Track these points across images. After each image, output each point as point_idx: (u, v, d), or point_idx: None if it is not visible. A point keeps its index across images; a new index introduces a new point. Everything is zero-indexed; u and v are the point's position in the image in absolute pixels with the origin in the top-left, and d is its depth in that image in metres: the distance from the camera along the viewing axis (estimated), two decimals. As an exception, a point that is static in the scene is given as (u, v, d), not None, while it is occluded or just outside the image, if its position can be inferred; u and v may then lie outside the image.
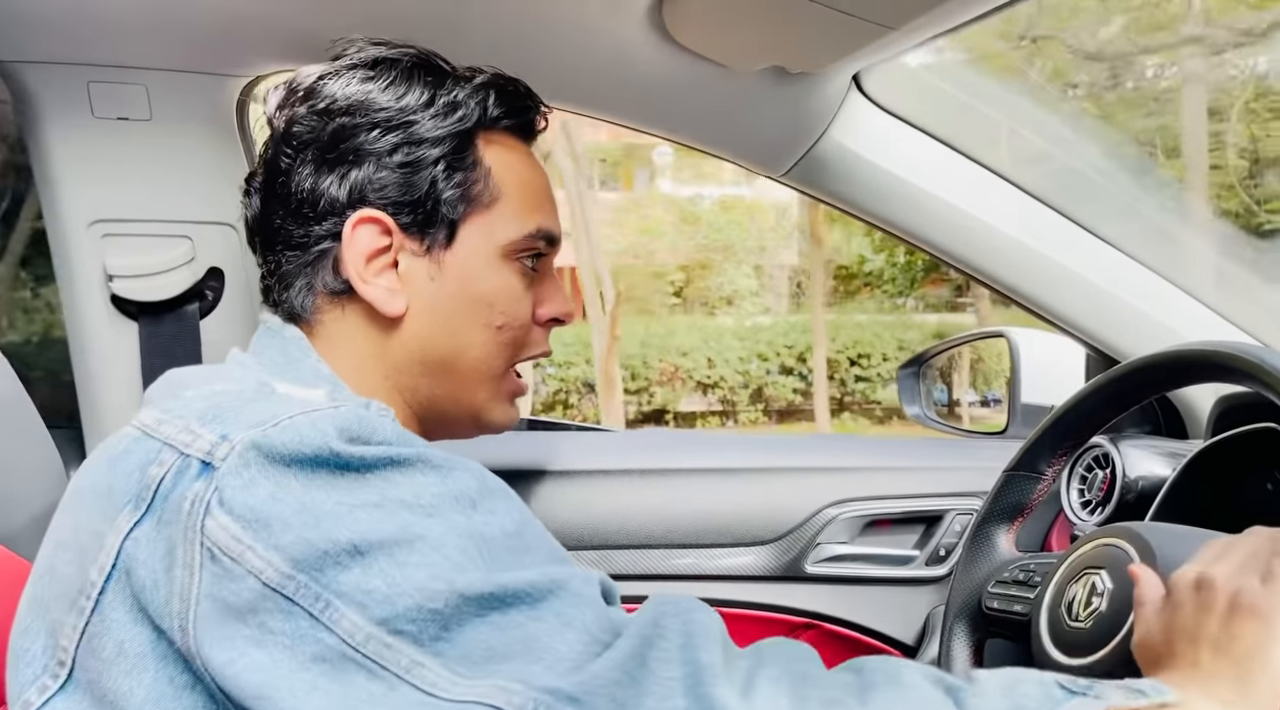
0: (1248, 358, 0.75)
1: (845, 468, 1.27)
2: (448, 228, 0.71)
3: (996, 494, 0.94)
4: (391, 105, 0.70)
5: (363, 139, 0.70)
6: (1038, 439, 0.91)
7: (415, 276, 0.71)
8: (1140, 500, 1.06)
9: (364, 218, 0.69)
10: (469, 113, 0.72)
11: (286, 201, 0.71)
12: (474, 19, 0.95)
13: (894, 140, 1.13)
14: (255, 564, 0.52)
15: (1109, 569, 0.76)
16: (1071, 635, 0.77)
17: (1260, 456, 0.94)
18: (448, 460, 0.58)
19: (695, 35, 0.95)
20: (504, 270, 0.73)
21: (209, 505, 0.54)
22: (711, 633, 0.56)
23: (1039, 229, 1.18)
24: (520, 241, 0.73)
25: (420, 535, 0.54)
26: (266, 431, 0.55)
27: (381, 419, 0.59)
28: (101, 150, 0.98)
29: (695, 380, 9.02)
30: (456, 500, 0.56)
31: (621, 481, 1.23)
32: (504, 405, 0.77)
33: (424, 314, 0.71)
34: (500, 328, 0.73)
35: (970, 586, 0.93)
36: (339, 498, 0.54)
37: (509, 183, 0.74)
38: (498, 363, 0.74)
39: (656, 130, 1.13)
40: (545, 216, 0.75)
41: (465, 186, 0.71)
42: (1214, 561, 0.62)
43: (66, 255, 1.02)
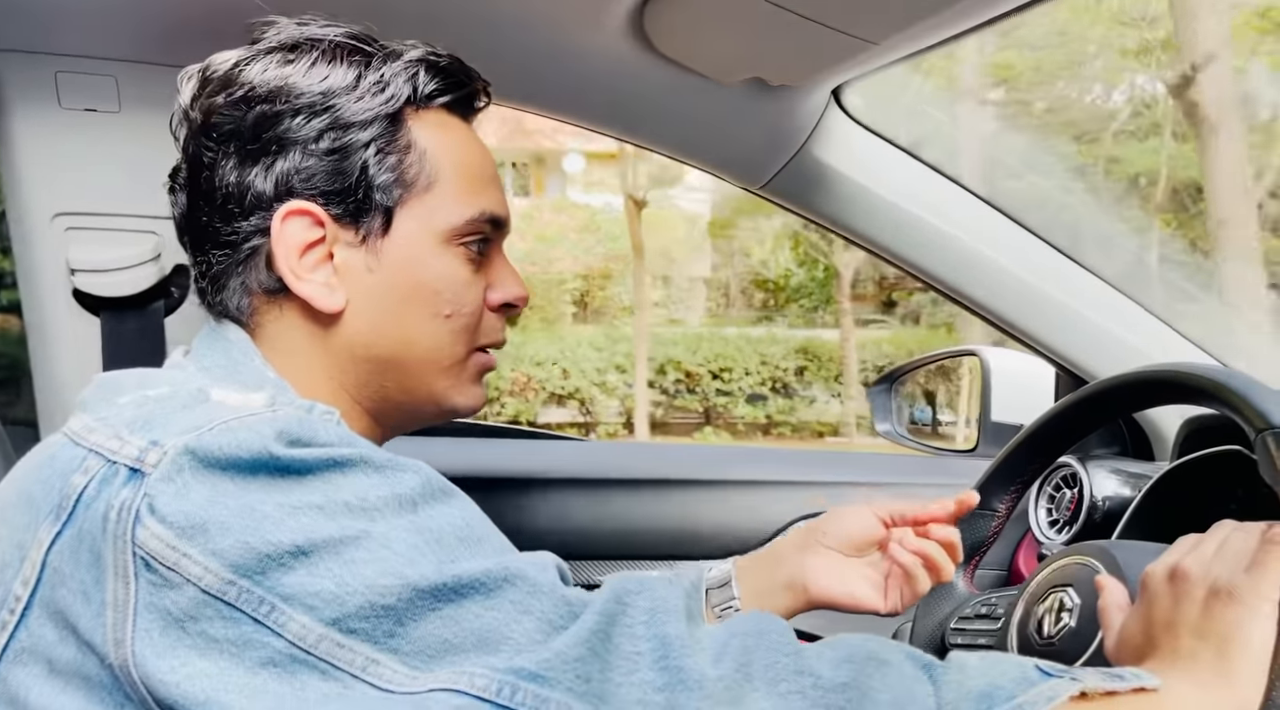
0: (1213, 380, 0.75)
1: (815, 483, 1.27)
2: (383, 215, 0.67)
3: None
4: (314, 88, 0.66)
5: (286, 126, 0.65)
6: (991, 475, 0.92)
7: (353, 269, 0.67)
8: (1107, 520, 1.07)
9: (292, 210, 0.65)
10: (398, 91, 0.67)
11: (211, 197, 0.67)
12: (452, 24, 0.94)
13: (871, 156, 1.13)
14: (192, 571, 0.51)
15: (1077, 586, 0.77)
16: (1042, 653, 0.77)
17: (1225, 478, 0.95)
18: (391, 461, 0.57)
19: (677, 45, 0.95)
20: (447, 256, 0.69)
21: (138, 513, 0.52)
22: (676, 606, 0.56)
23: (1011, 248, 1.19)
24: (462, 226, 0.69)
25: (366, 532, 0.53)
26: (201, 436, 0.53)
27: (324, 422, 0.58)
28: (67, 142, 0.96)
29: (549, 391, 8.74)
30: (400, 501, 0.55)
31: (591, 491, 1.22)
32: (468, 387, 0.73)
33: (366, 308, 0.67)
34: (449, 316, 0.69)
35: (931, 626, 0.93)
36: (279, 500, 0.52)
37: (447, 164, 0.69)
38: (453, 351, 0.70)
39: (636, 139, 1.13)
40: (489, 199, 0.71)
41: (399, 170, 0.67)
42: (1186, 554, 0.62)
43: (28, 248, 0.99)
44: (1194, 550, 0.62)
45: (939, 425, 1.59)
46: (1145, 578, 0.64)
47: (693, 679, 0.52)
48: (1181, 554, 0.63)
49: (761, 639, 0.56)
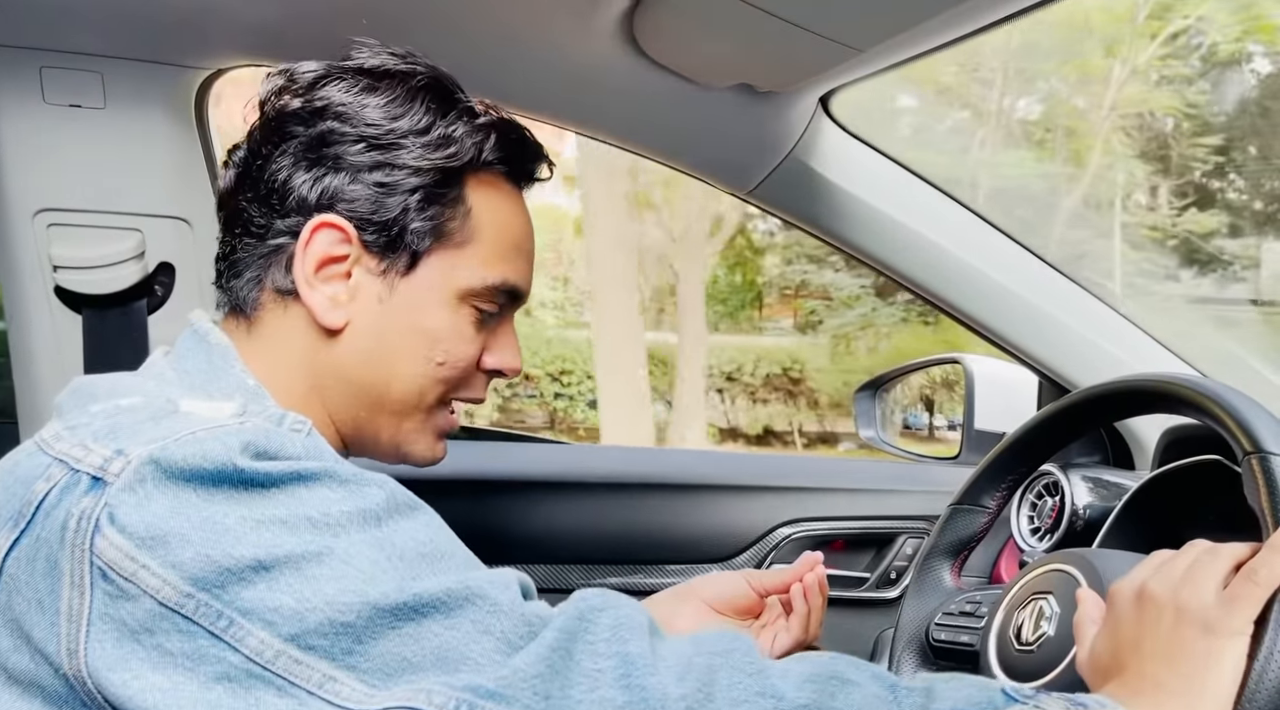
0: (1193, 390, 0.76)
1: (798, 488, 1.27)
2: (409, 256, 0.69)
3: (942, 528, 0.94)
4: (383, 123, 0.68)
5: (345, 148, 0.68)
6: (981, 474, 0.92)
7: (365, 294, 0.69)
8: (1088, 528, 1.08)
9: (326, 222, 0.67)
10: (462, 150, 0.70)
11: (257, 187, 0.69)
12: (442, 26, 0.94)
13: (858, 163, 1.14)
14: (150, 583, 0.51)
15: (1056, 594, 0.77)
16: (1019, 660, 0.77)
17: (1204, 488, 0.96)
18: (356, 476, 0.57)
19: (665, 50, 0.95)
20: (457, 312, 0.71)
21: (98, 522, 0.52)
22: (639, 624, 0.56)
23: (996, 256, 1.19)
24: (480, 290, 0.71)
25: (329, 548, 0.52)
26: (166, 447, 0.53)
27: (292, 435, 0.58)
28: (51, 137, 0.96)
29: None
30: (364, 516, 0.55)
31: (574, 495, 1.22)
32: (428, 440, 0.74)
33: (364, 334, 0.69)
34: (441, 364, 0.71)
35: (917, 619, 0.93)
36: (242, 513, 0.52)
37: (487, 228, 0.71)
38: (428, 397, 0.72)
39: (624, 143, 1.13)
40: (515, 271, 0.73)
41: (438, 221, 0.69)
42: (1154, 574, 0.62)
43: (10, 243, 0.99)
44: (1162, 570, 0.62)
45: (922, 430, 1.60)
46: (1112, 595, 0.64)
47: (655, 697, 0.52)
48: (1149, 573, 0.62)
49: (726, 658, 0.56)
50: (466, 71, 1.03)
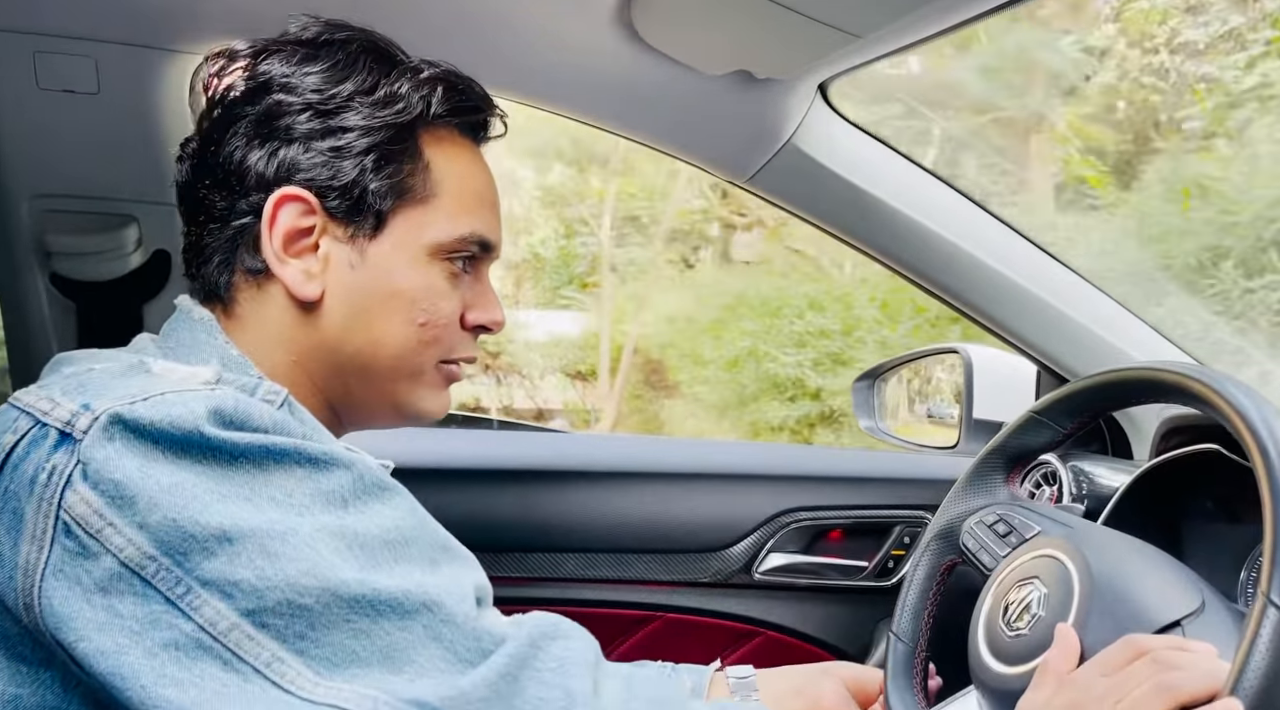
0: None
1: (796, 476, 1.27)
2: (375, 218, 0.68)
3: (1012, 430, 0.90)
4: (327, 88, 0.68)
5: (294, 119, 0.67)
6: (1075, 393, 0.86)
7: (336, 262, 0.68)
8: (1086, 517, 1.08)
9: (287, 195, 0.67)
10: (410, 105, 0.69)
11: (214, 171, 0.68)
12: (437, 11, 0.93)
13: (856, 151, 1.13)
14: (115, 541, 0.51)
15: (1045, 580, 0.77)
16: (1007, 644, 0.77)
17: (1202, 476, 0.96)
18: (326, 454, 0.56)
19: (663, 36, 0.94)
20: (430, 269, 0.70)
21: (70, 477, 0.52)
22: (586, 659, 0.58)
23: (994, 245, 1.19)
24: (450, 243, 0.70)
25: (293, 529, 0.53)
26: (134, 405, 0.53)
27: (265, 405, 0.58)
28: (45, 122, 0.95)
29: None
30: (328, 499, 0.55)
31: (572, 483, 1.22)
32: (431, 393, 0.73)
33: (341, 302, 0.68)
34: (423, 325, 0.70)
35: (956, 512, 0.91)
36: (208, 484, 0.52)
37: (448, 181, 0.71)
38: (419, 359, 0.71)
39: (621, 130, 1.12)
40: (482, 221, 0.72)
41: (397, 178, 0.69)
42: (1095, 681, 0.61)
43: (5, 230, 0.98)
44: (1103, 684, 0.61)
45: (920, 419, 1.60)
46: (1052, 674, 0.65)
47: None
48: (1092, 676, 0.62)
49: (661, 706, 0.58)
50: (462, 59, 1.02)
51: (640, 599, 1.22)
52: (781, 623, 1.26)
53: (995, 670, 0.76)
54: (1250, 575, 0.89)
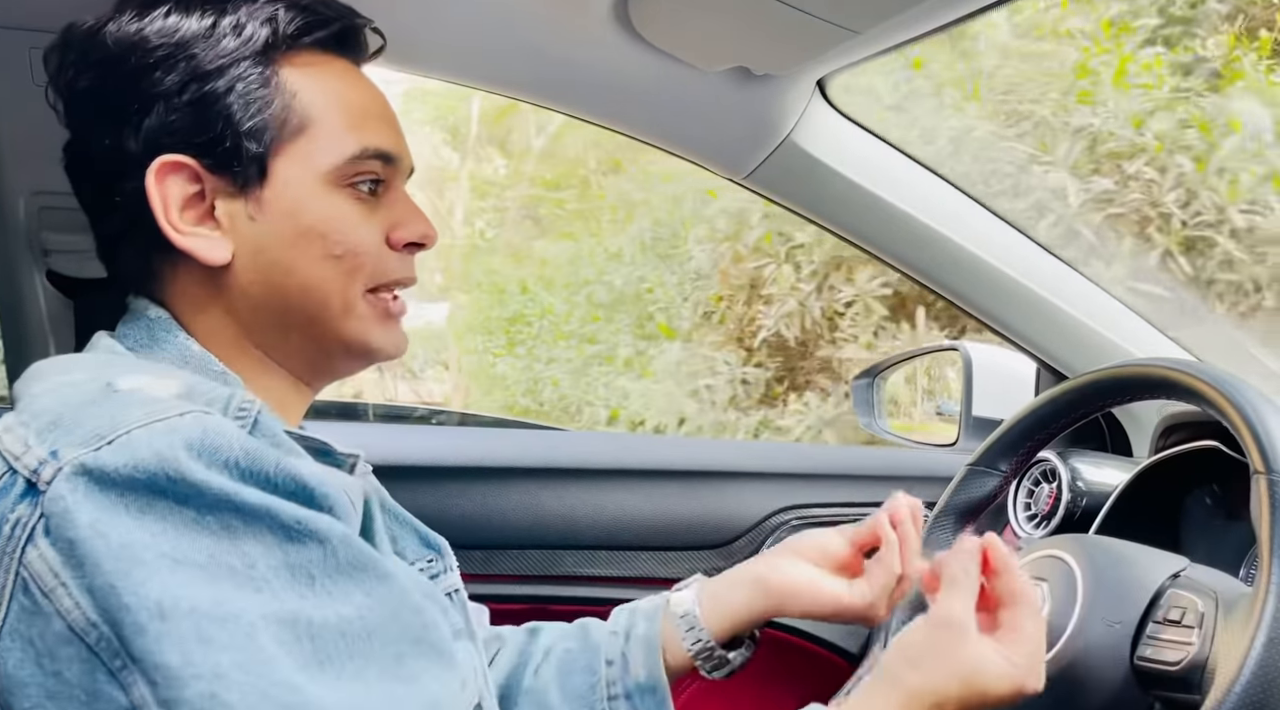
0: (1191, 375, 0.76)
1: (795, 474, 1.27)
2: (257, 163, 0.64)
3: (955, 488, 0.93)
4: (168, 40, 0.63)
5: (146, 82, 0.63)
6: (1002, 436, 0.91)
7: (236, 219, 0.64)
8: (1085, 515, 1.08)
9: (165, 164, 0.63)
10: (255, 33, 0.65)
11: (90, 165, 0.66)
12: (433, 8, 0.93)
13: (855, 148, 1.13)
14: (65, 603, 0.48)
15: (1051, 581, 0.77)
16: (1011, 645, 0.77)
17: (1202, 472, 0.96)
18: (299, 522, 0.52)
19: (660, 32, 0.94)
20: (333, 198, 0.65)
21: (33, 532, 0.49)
22: None
23: (993, 243, 1.19)
24: (344, 166, 0.65)
25: (235, 614, 0.49)
26: (99, 452, 0.50)
27: (235, 431, 0.54)
28: (42, 119, 0.95)
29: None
30: (293, 573, 0.51)
31: (571, 481, 1.22)
32: (378, 328, 0.69)
33: (254, 257, 0.65)
34: (340, 256, 0.65)
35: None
36: (162, 546, 0.49)
37: (322, 104, 0.66)
38: (349, 293, 0.67)
39: (618, 127, 1.12)
40: (374, 134, 0.67)
41: (266, 113, 0.64)
42: None
43: (1, 226, 0.98)
44: None
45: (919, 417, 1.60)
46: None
47: None
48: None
49: None
50: (459, 54, 1.02)
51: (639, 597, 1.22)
52: (780, 620, 1.25)
53: None
54: (1249, 571, 0.89)
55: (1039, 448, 0.92)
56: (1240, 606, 0.67)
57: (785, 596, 0.77)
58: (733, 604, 0.78)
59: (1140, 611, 0.71)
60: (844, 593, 0.76)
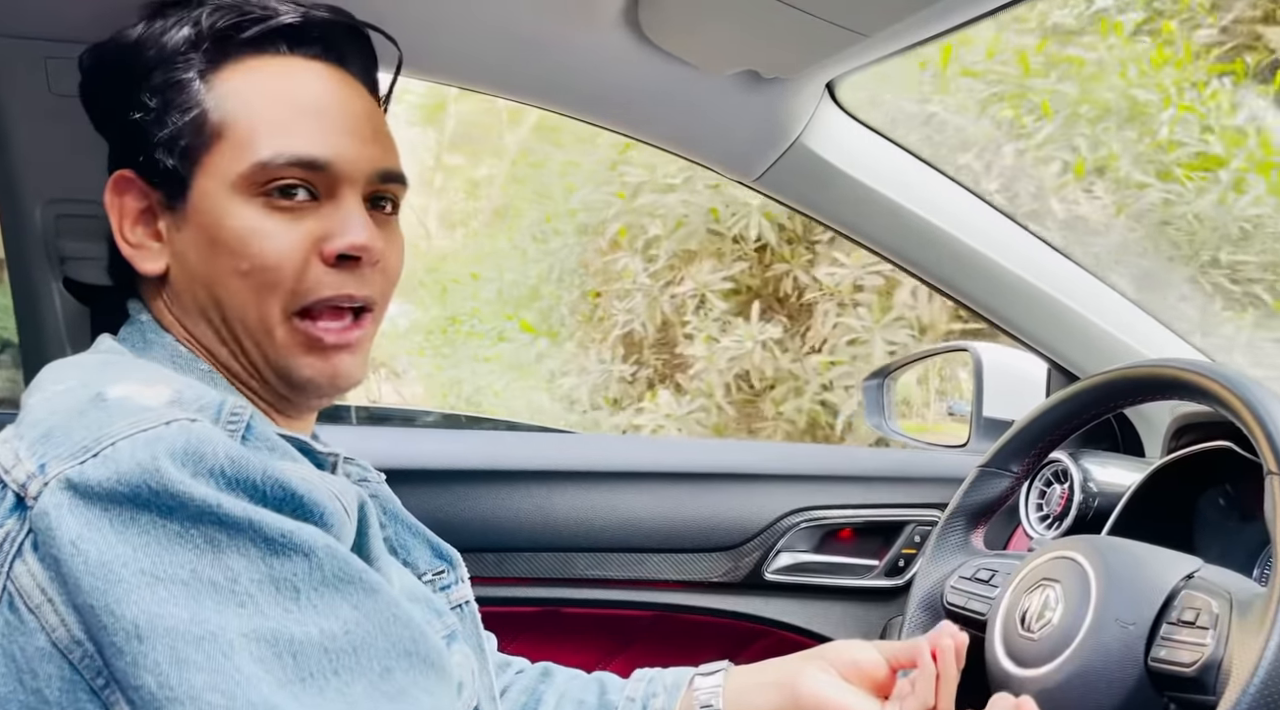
0: (1203, 375, 0.76)
1: (806, 476, 1.27)
2: (176, 174, 0.64)
3: (967, 489, 0.93)
4: (109, 64, 0.68)
5: (104, 104, 0.69)
6: (1014, 437, 0.92)
7: (169, 231, 0.65)
8: (1097, 515, 1.07)
9: (118, 179, 0.67)
10: (179, 38, 0.64)
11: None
12: (444, 15, 0.93)
13: (865, 150, 1.13)
14: (49, 620, 0.48)
15: (1064, 583, 0.77)
16: (1023, 646, 0.77)
17: (1215, 472, 0.95)
18: (284, 535, 0.51)
19: (670, 37, 0.94)
20: (244, 209, 0.62)
21: (21, 546, 0.49)
22: None
23: (1003, 243, 1.19)
24: (250, 172, 0.62)
25: (213, 633, 0.47)
26: (84, 465, 0.50)
27: (222, 439, 0.52)
28: (59, 128, 0.96)
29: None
30: (278, 587, 0.50)
31: (582, 483, 1.22)
32: (305, 358, 0.64)
33: (182, 271, 0.65)
34: (246, 272, 0.62)
35: (933, 579, 0.93)
36: (145, 560, 0.48)
37: (242, 109, 0.63)
38: (261, 313, 0.63)
39: (628, 131, 1.12)
40: (295, 138, 0.63)
41: (180, 124, 0.63)
42: None
43: (19, 235, 0.99)
44: None
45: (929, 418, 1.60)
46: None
47: None
48: None
49: None
50: (470, 61, 1.02)
51: (650, 599, 1.22)
52: (793, 622, 1.25)
53: (1014, 674, 0.76)
54: (1263, 572, 0.89)
55: (1050, 449, 0.92)
56: (1254, 607, 0.66)
57: (811, 703, 0.74)
58: (754, 706, 0.77)
59: (1154, 612, 0.71)
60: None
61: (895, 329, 3.34)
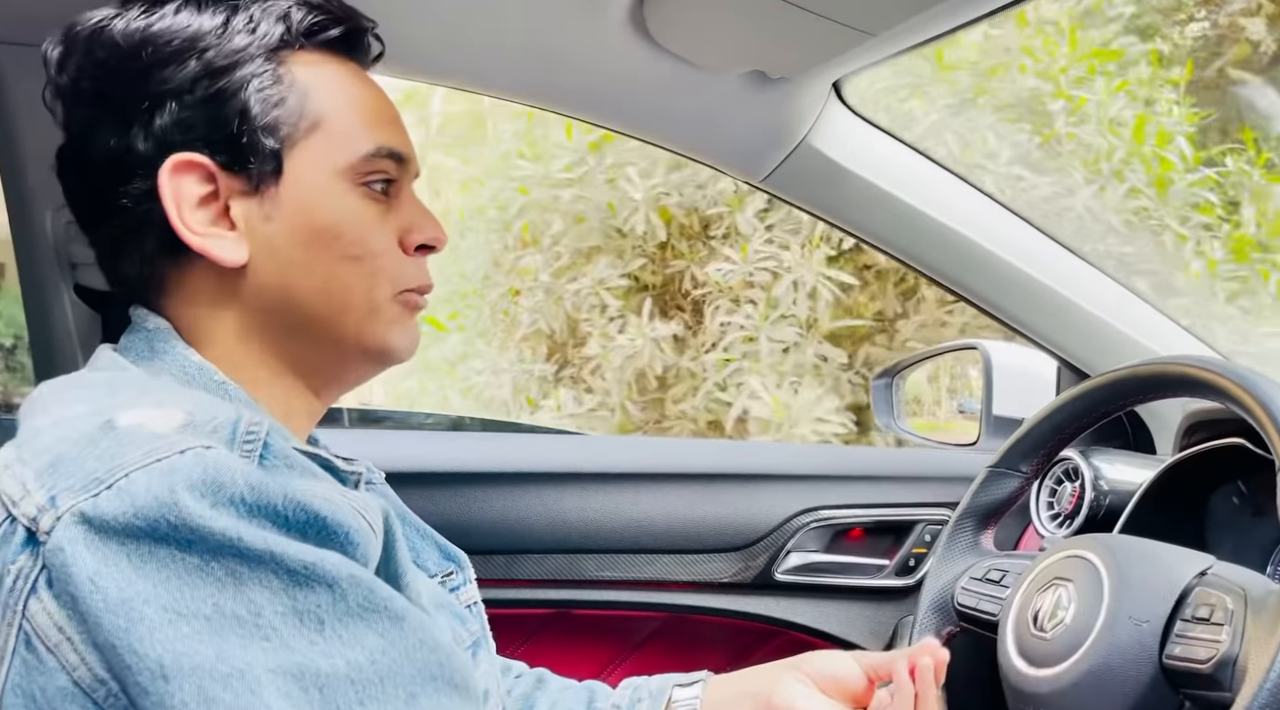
0: (1214, 372, 0.75)
1: (816, 476, 1.27)
2: (273, 159, 0.63)
3: (976, 490, 0.93)
4: (178, 36, 0.62)
5: (156, 79, 0.61)
6: (1023, 437, 0.92)
7: (251, 219, 0.63)
8: (1109, 513, 1.07)
9: (177, 164, 0.61)
10: (270, 29, 0.63)
11: (96, 166, 0.63)
12: (451, 18, 0.94)
13: (872, 149, 1.13)
14: (70, 659, 0.47)
15: (1076, 582, 0.76)
16: (1035, 646, 0.77)
17: (1227, 470, 0.95)
18: (306, 567, 0.50)
19: (676, 38, 0.95)
20: (349, 197, 0.64)
21: (35, 583, 0.48)
22: None
23: (1012, 242, 1.18)
24: (358, 163, 0.64)
25: (240, 670, 0.47)
26: (98, 498, 0.48)
27: (240, 464, 0.51)
28: (68, 135, 0.96)
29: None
30: (302, 619, 0.49)
31: (592, 485, 1.22)
32: (395, 328, 0.67)
33: (271, 258, 0.63)
34: (358, 258, 0.64)
35: (944, 581, 0.92)
36: (164, 600, 0.47)
37: (335, 102, 0.65)
38: (370, 296, 0.65)
39: (635, 132, 1.12)
40: (385, 133, 0.66)
41: (282, 110, 0.63)
42: None
43: (29, 241, 0.99)
44: None
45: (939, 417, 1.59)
46: None
47: None
48: None
49: None
50: (475, 65, 1.03)
51: (661, 600, 1.23)
52: (803, 623, 1.25)
53: (1026, 674, 0.76)
54: (1276, 569, 0.89)
55: (1060, 448, 0.92)
56: (1269, 604, 0.66)
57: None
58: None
59: (1168, 609, 0.71)
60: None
61: (781, 326, 3.29)
